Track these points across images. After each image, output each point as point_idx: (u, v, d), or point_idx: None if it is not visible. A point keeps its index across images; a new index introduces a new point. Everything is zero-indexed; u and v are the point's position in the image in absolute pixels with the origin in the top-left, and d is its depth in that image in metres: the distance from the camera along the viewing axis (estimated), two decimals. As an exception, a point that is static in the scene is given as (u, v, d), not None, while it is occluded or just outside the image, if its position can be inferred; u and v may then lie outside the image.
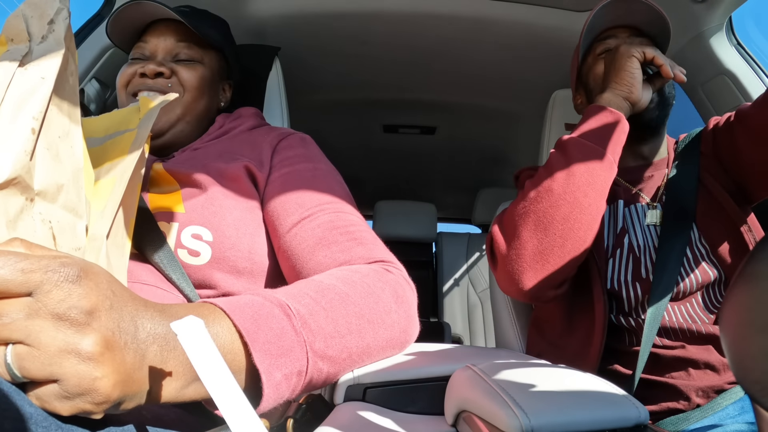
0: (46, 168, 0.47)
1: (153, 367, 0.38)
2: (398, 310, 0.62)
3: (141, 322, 0.38)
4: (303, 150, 0.83)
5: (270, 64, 1.21)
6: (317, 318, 0.52)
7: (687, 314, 0.83)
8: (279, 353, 0.47)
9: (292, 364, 0.48)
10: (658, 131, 0.95)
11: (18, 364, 0.31)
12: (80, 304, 0.32)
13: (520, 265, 0.79)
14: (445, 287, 2.55)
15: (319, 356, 0.51)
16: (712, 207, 0.87)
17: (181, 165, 0.77)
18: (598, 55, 0.97)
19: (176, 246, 0.69)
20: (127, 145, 0.63)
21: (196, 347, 0.36)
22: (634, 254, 0.88)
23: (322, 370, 0.52)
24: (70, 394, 0.32)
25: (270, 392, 0.46)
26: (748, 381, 0.26)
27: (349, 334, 0.55)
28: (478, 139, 2.26)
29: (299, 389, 0.50)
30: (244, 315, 0.46)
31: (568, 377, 0.49)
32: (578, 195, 0.79)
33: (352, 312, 0.56)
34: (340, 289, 0.58)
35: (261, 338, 0.46)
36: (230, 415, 0.35)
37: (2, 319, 0.31)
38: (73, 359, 0.32)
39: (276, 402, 0.48)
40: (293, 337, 0.49)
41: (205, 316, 0.44)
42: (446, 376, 0.54)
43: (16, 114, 0.45)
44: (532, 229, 0.79)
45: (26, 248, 0.34)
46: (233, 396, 0.36)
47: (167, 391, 0.39)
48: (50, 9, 0.51)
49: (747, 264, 0.26)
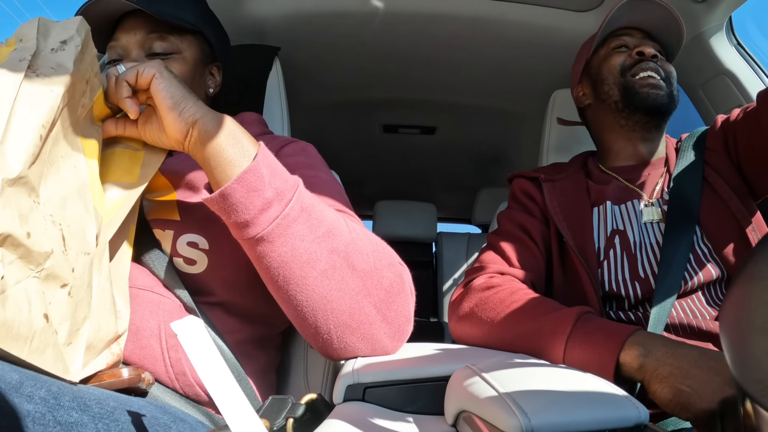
0: (50, 180, 0.48)
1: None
2: (391, 276, 0.64)
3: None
4: (304, 158, 0.82)
5: (270, 64, 1.21)
6: (312, 197, 0.63)
7: (689, 310, 0.82)
8: (274, 171, 0.60)
9: (280, 182, 0.59)
10: (661, 127, 0.98)
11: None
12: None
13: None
14: (445, 287, 2.54)
15: (302, 206, 0.60)
16: (716, 206, 0.87)
17: (176, 167, 0.76)
18: (612, 49, 1.01)
19: (172, 254, 0.68)
20: (135, 166, 0.64)
21: (196, 347, 0.36)
22: (629, 252, 0.88)
23: (298, 222, 0.59)
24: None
25: (253, 170, 0.57)
26: (748, 381, 0.26)
27: (333, 228, 0.62)
28: (478, 139, 2.26)
29: (275, 215, 0.58)
30: (264, 154, 0.60)
31: (568, 377, 0.49)
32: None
33: (342, 223, 0.63)
34: (344, 216, 0.66)
35: (269, 156, 0.61)
36: (230, 415, 0.35)
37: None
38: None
39: (250, 189, 0.57)
40: (290, 178, 0.62)
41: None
42: (446, 376, 0.54)
43: (28, 117, 0.46)
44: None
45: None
46: (233, 396, 0.36)
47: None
48: (65, 33, 0.55)
49: (747, 263, 0.26)
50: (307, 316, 0.60)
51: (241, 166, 0.58)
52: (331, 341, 0.61)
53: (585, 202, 0.95)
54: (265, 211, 0.57)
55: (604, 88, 1.00)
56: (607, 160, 1.02)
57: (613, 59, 1.00)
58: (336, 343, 0.61)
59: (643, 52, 0.96)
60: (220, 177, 0.59)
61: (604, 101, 1.01)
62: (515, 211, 1.00)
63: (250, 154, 0.59)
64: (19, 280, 0.42)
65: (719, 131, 0.94)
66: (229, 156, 0.59)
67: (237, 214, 0.57)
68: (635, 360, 0.62)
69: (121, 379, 0.53)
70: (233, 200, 0.57)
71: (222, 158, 0.59)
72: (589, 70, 1.05)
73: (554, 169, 1.06)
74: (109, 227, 0.56)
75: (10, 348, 0.40)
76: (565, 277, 0.92)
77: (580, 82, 1.08)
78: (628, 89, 0.96)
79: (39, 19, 0.54)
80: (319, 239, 0.59)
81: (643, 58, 0.96)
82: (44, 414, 0.38)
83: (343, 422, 0.51)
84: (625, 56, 0.99)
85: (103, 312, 0.53)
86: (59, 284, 0.46)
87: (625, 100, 0.97)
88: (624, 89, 0.97)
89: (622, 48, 1.01)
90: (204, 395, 0.65)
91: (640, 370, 0.61)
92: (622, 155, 1.00)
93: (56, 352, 0.45)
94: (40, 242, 0.43)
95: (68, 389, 0.43)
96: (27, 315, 0.42)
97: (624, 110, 0.98)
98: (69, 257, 0.48)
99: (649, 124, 0.96)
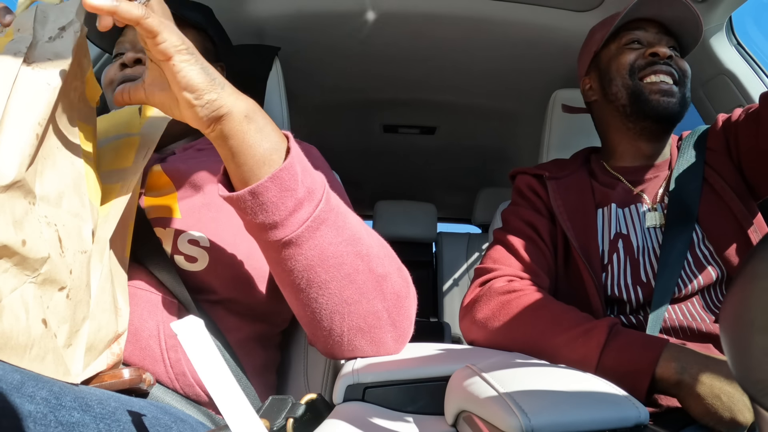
0: (46, 175, 0.47)
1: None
2: (400, 281, 0.63)
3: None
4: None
5: (270, 64, 1.21)
6: (337, 199, 0.60)
7: (687, 313, 0.82)
8: (305, 168, 0.56)
9: (310, 181, 0.56)
10: (669, 131, 0.95)
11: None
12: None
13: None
14: (445, 287, 2.54)
15: (329, 207, 0.57)
16: (717, 207, 0.86)
17: (179, 165, 0.76)
18: (624, 45, 0.95)
19: (172, 252, 0.68)
20: (130, 151, 0.63)
21: (196, 347, 0.36)
22: (632, 257, 0.87)
23: (327, 223, 0.57)
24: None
25: (288, 168, 0.53)
26: (748, 381, 0.26)
27: (356, 231, 0.60)
28: (478, 139, 2.26)
29: (305, 216, 0.55)
30: (296, 149, 0.56)
31: (568, 377, 0.49)
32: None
33: (362, 227, 0.62)
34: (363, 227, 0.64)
35: (299, 151, 0.56)
36: (230, 415, 0.35)
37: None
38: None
39: (284, 189, 0.53)
40: (318, 177, 0.58)
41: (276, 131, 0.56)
42: (446, 376, 0.54)
43: (23, 116, 0.44)
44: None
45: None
46: (233, 396, 0.36)
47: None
48: (64, 17, 0.52)
49: (747, 263, 0.26)
50: (323, 319, 0.60)
51: (273, 163, 0.54)
52: (341, 343, 0.61)
53: (590, 202, 0.93)
54: (296, 212, 0.54)
55: (612, 88, 0.95)
56: (611, 158, 1.00)
57: (624, 57, 0.94)
58: (345, 345, 0.61)
59: (658, 52, 0.90)
60: (247, 174, 0.53)
61: (611, 101, 0.96)
62: (522, 207, 0.97)
63: (281, 149, 0.55)
64: (15, 288, 0.41)
65: (720, 131, 0.93)
66: (259, 153, 0.53)
67: (266, 214, 0.53)
68: (673, 376, 0.65)
69: (122, 380, 0.52)
70: (264, 199, 0.53)
71: (250, 155, 0.53)
72: (598, 64, 0.99)
73: (557, 165, 1.03)
74: (106, 221, 0.55)
75: (9, 358, 0.40)
76: (568, 279, 0.91)
77: (587, 74, 1.02)
78: (637, 94, 0.91)
79: (37, 6, 0.52)
80: (345, 242, 0.57)
81: (657, 59, 0.91)
82: (46, 414, 0.38)
83: (343, 422, 0.51)
84: (637, 55, 0.93)
85: (104, 312, 0.53)
86: (57, 287, 0.45)
87: (633, 106, 0.92)
88: (633, 93, 0.91)
89: (635, 44, 0.94)
90: (204, 395, 0.65)
91: (677, 386, 0.64)
92: (627, 156, 0.97)
93: (56, 356, 0.45)
94: (36, 248, 0.43)
95: (70, 389, 0.43)
96: (25, 323, 0.41)
97: (632, 115, 0.93)
98: (66, 259, 0.47)
99: (658, 130, 0.93)
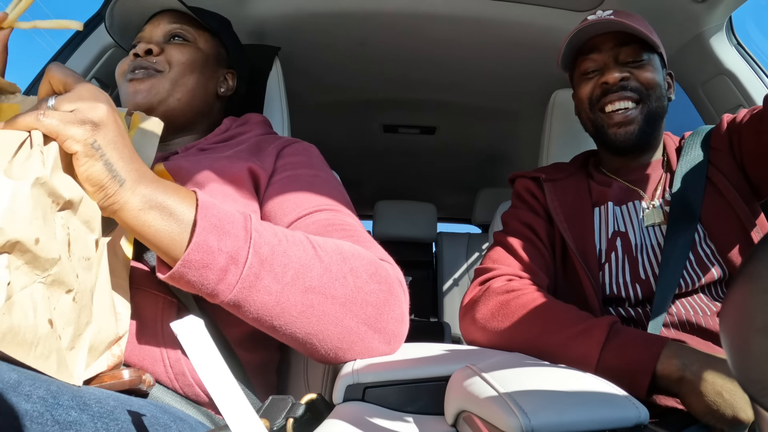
0: (69, 180, 0.48)
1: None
2: (376, 288, 0.61)
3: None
4: (305, 158, 0.82)
5: (270, 64, 1.21)
6: (271, 238, 0.56)
7: (689, 308, 0.82)
8: (222, 230, 0.53)
9: (230, 243, 0.53)
10: (644, 149, 0.96)
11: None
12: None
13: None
14: (445, 287, 2.54)
15: (260, 259, 0.54)
16: (720, 207, 0.86)
17: (181, 163, 0.76)
18: (582, 74, 0.96)
19: None
20: None
21: (196, 347, 0.36)
22: (631, 255, 0.87)
23: (261, 277, 0.54)
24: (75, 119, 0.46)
25: (197, 246, 0.51)
26: (748, 381, 0.26)
27: (301, 267, 0.56)
28: (478, 139, 2.26)
29: (235, 280, 0.53)
30: (207, 201, 0.54)
31: (568, 377, 0.49)
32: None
33: (311, 254, 0.58)
34: (312, 241, 0.60)
35: (212, 214, 0.53)
36: (230, 415, 0.35)
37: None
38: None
39: (200, 267, 0.51)
40: (241, 231, 0.54)
41: (179, 191, 0.53)
42: (446, 376, 0.54)
43: None
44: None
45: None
46: (233, 396, 0.36)
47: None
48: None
49: (747, 263, 0.26)
50: (301, 346, 0.60)
51: (181, 246, 0.52)
52: (328, 357, 0.61)
53: (586, 202, 0.95)
54: (223, 280, 0.53)
55: (582, 117, 1.00)
56: (606, 162, 1.02)
57: (582, 90, 0.96)
58: (333, 358, 0.61)
59: (607, 81, 0.90)
60: (164, 257, 0.53)
61: (586, 128, 1.00)
62: (521, 210, 0.99)
63: (187, 223, 0.52)
64: (26, 286, 0.42)
65: (725, 132, 0.93)
66: (164, 240, 0.51)
67: (196, 289, 0.54)
68: (674, 373, 0.65)
69: (122, 381, 0.52)
70: (185, 280, 0.53)
71: (154, 243, 0.52)
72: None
73: (555, 168, 1.05)
74: (107, 225, 0.56)
75: (15, 353, 0.40)
76: (566, 278, 0.92)
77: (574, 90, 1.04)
78: (599, 127, 0.94)
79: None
80: (289, 285, 0.56)
81: (609, 87, 0.90)
82: (42, 413, 0.38)
83: (343, 422, 0.51)
84: (593, 85, 0.93)
85: (103, 314, 0.53)
86: (65, 290, 0.46)
87: (597, 137, 0.98)
88: (595, 126, 0.95)
89: (591, 73, 0.95)
90: (204, 395, 0.65)
91: (678, 383, 0.64)
92: (616, 162, 0.99)
93: (60, 357, 0.45)
94: (48, 248, 0.43)
95: (67, 388, 0.43)
96: (32, 321, 0.42)
97: (601, 145, 0.99)
98: (73, 263, 0.48)
99: (629, 155, 0.96)
